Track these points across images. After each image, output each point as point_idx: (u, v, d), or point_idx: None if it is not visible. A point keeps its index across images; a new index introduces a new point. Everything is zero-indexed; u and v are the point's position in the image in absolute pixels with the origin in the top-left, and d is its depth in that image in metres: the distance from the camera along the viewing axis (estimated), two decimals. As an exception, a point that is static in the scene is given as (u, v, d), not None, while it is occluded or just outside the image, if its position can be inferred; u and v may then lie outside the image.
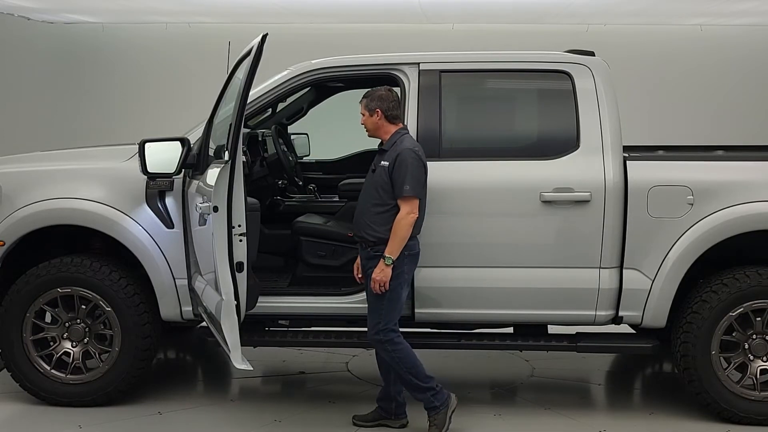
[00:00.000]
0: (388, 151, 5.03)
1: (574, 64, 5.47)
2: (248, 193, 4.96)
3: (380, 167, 5.02)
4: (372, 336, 5.07)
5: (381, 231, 4.96)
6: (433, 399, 5.11)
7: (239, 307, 4.80)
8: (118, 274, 5.53)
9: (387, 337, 5.04)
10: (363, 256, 5.12)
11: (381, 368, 5.29)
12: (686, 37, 13.62)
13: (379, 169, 5.03)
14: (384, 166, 4.99)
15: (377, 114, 5.06)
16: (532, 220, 5.31)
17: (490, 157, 5.41)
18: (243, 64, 5.00)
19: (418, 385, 5.09)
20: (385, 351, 5.07)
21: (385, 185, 4.97)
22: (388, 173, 4.96)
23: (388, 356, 5.07)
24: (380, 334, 5.03)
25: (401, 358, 5.05)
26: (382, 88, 5.13)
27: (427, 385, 5.09)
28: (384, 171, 4.98)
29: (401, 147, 4.98)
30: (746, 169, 5.47)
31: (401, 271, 4.99)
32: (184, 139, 5.40)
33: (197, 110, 6.68)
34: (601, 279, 5.31)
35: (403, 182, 4.90)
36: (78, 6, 13.00)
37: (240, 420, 5.50)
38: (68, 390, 5.60)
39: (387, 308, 5.00)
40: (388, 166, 4.96)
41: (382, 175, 4.99)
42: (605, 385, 6.50)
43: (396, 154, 4.95)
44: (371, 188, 5.05)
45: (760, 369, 5.39)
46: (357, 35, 13.24)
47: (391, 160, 4.97)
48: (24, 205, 5.56)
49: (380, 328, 5.02)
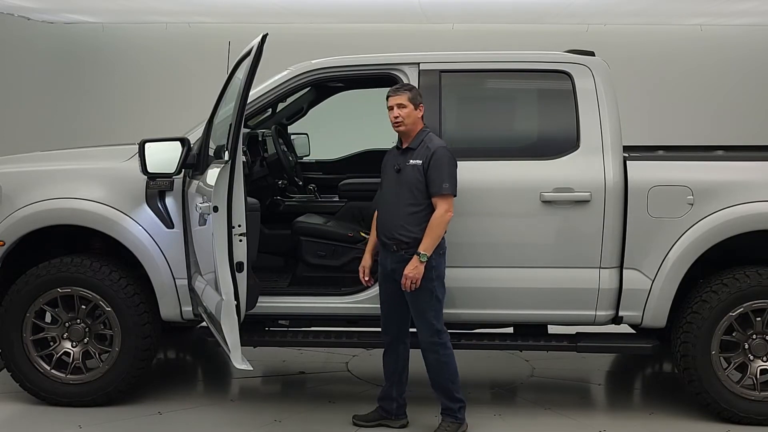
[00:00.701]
0: (416, 150, 4.98)
1: (574, 64, 5.47)
2: (248, 193, 4.96)
3: (410, 166, 4.96)
4: (428, 339, 5.03)
5: (416, 231, 4.92)
6: (458, 411, 5.15)
7: (239, 307, 4.79)
8: (118, 274, 5.53)
9: (442, 340, 5.04)
10: (392, 259, 5.02)
11: (387, 368, 5.26)
12: (686, 37, 13.62)
13: (408, 169, 4.97)
14: (416, 164, 4.94)
15: (420, 109, 5.03)
16: (532, 220, 5.31)
17: (490, 157, 5.41)
18: (243, 64, 5.00)
19: (452, 394, 5.12)
20: (436, 355, 5.05)
21: (419, 184, 4.93)
22: (423, 172, 4.93)
23: (436, 360, 5.06)
24: (436, 336, 5.02)
25: (447, 363, 5.07)
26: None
27: (460, 396, 5.14)
28: (417, 170, 4.93)
29: (434, 145, 4.95)
30: (746, 169, 5.47)
31: (440, 271, 4.98)
32: (184, 139, 5.40)
33: (197, 110, 6.67)
34: (601, 279, 5.31)
35: (442, 180, 4.88)
36: (78, 6, 12.99)
37: (240, 420, 5.50)
38: (68, 390, 5.60)
39: (437, 309, 5.00)
40: (422, 164, 4.92)
41: (414, 174, 4.94)
42: (605, 385, 6.50)
43: (431, 152, 4.92)
44: (402, 189, 4.96)
45: (760, 369, 5.39)
46: (357, 35, 13.24)
47: (424, 158, 4.92)
48: (24, 205, 5.56)
49: (436, 330, 5.01)
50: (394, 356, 5.24)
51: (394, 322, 5.19)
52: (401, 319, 5.17)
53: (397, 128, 5.05)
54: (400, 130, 5.04)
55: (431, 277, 4.95)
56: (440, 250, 4.98)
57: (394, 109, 5.01)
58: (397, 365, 5.25)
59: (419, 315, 5.05)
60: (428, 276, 4.94)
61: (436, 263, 4.96)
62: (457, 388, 5.13)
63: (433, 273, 4.95)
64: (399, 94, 5.02)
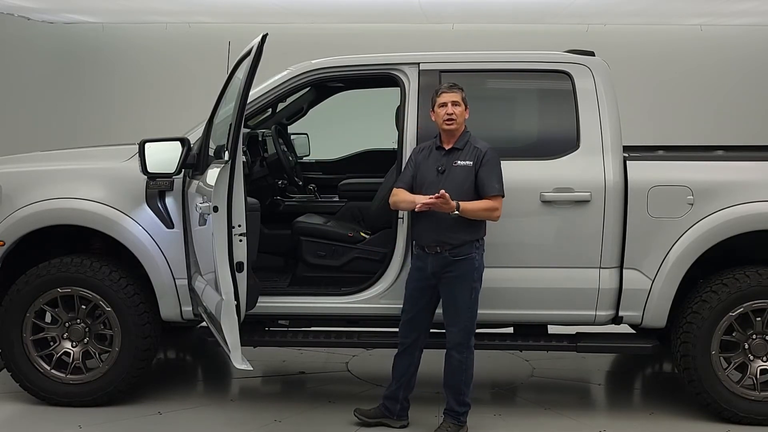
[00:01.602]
0: (463, 150, 4.98)
1: (574, 64, 5.47)
2: (248, 193, 4.96)
3: (459, 167, 4.95)
4: (458, 340, 5.03)
5: (463, 233, 4.94)
6: (462, 415, 5.16)
7: (239, 307, 4.79)
8: (118, 274, 5.53)
9: (471, 343, 5.07)
10: (435, 262, 4.99)
11: (398, 370, 5.23)
12: (686, 37, 13.62)
13: (456, 170, 4.95)
14: (466, 165, 4.93)
15: (467, 111, 5.05)
16: (532, 220, 5.31)
17: (490, 157, 5.41)
18: (243, 64, 4.99)
19: (462, 398, 5.13)
20: (461, 356, 5.05)
21: (469, 185, 4.93)
22: (474, 172, 4.92)
23: (459, 362, 5.05)
24: (467, 338, 5.03)
25: (468, 367, 5.09)
26: None
27: (468, 401, 5.16)
28: (467, 170, 4.93)
29: (483, 146, 4.96)
30: (746, 169, 5.47)
31: (482, 272, 5.01)
32: (184, 139, 5.40)
33: (197, 110, 6.67)
34: (601, 279, 5.31)
35: (495, 181, 4.90)
36: (78, 6, 13.00)
37: (240, 420, 5.50)
38: (68, 390, 5.59)
39: (473, 310, 5.02)
40: (473, 165, 4.92)
41: (464, 175, 4.93)
42: (605, 385, 6.50)
43: (482, 153, 4.93)
44: (450, 190, 4.84)
45: (760, 369, 5.39)
46: (357, 35, 13.24)
47: (474, 159, 4.93)
48: (24, 205, 5.56)
49: (468, 331, 5.03)
50: (409, 360, 5.21)
51: (417, 327, 5.16)
52: (425, 325, 5.17)
53: (447, 126, 4.98)
54: (451, 128, 4.99)
55: (474, 277, 4.97)
56: (483, 251, 5.01)
57: (449, 106, 4.97)
58: (409, 369, 5.23)
59: (455, 313, 5.02)
60: (470, 276, 4.97)
61: (479, 264, 4.98)
62: (468, 392, 5.14)
63: (475, 274, 4.97)
64: (455, 92, 4.99)
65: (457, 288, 4.99)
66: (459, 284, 4.99)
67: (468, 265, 4.97)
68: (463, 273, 4.97)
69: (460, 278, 4.98)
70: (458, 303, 5.01)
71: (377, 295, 5.41)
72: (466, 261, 4.96)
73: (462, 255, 4.95)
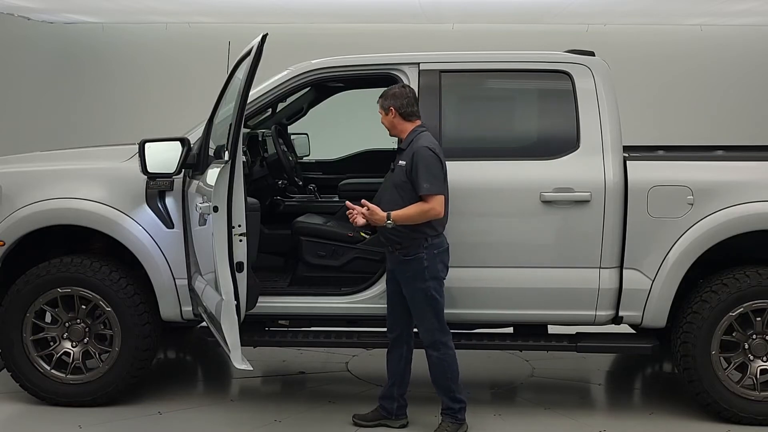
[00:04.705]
0: (406, 150, 5.01)
1: (574, 64, 5.47)
2: (248, 193, 4.96)
3: (398, 167, 5.02)
4: (429, 338, 5.06)
5: (404, 230, 4.94)
6: (458, 412, 5.16)
7: (239, 307, 4.80)
8: (118, 274, 5.53)
9: (443, 339, 5.07)
10: (391, 260, 5.10)
11: (390, 368, 5.27)
12: (686, 37, 13.62)
13: (397, 169, 5.02)
14: (402, 165, 4.98)
15: (392, 112, 5.05)
16: (532, 220, 5.31)
17: (490, 157, 5.41)
18: (243, 64, 5.00)
19: (453, 395, 5.13)
20: (437, 353, 5.07)
21: (403, 185, 4.96)
22: (406, 173, 4.94)
23: (438, 359, 5.08)
24: (437, 334, 5.05)
25: (449, 363, 5.09)
26: (396, 86, 5.13)
27: (461, 397, 5.15)
28: (402, 170, 4.97)
29: (417, 145, 4.96)
30: (746, 169, 5.47)
31: (435, 271, 4.99)
32: (184, 139, 5.40)
33: (197, 110, 6.67)
34: (601, 279, 5.31)
35: (423, 180, 4.89)
36: (78, 6, 12.99)
37: (240, 420, 5.50)
38: (68, 390, 5.60)
39: (435, 308, 5.02)
40: (406, 165, 4.95)
41: (400, 174, 4.99)
42: (605, 385, 6.50)
43: (412, 153, 4.94)
44: (391, 188, 5.04)
45: (760, 369, 5.39)
46: (357, 35, 13.24)
47: (408, 159, 4.95)
48: (24, 205, 5.56)
49: (436, 328, 5.04)
50: (398, 355, 5.24)
51: (397, 322, 5.21)
52: (404, 319, 5.18)
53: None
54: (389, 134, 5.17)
55: (424, 278, 4.98)
56: (434, 250, 4.99)
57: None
58: (400, 364, 5.25)
59: (417, 315, 5.08)
60: (421, 276, 4.98)
61: (429, 263, 4.98)
62: (458, 389, 5.14)
63: (426, 273, 4.98)
64: (378, 103, 5.12)
65: (410, 289, 5.03)
66: (412, 285, 5.02)
67: (417, 264, 4.97)
68: (414, 274, 4.99)
69: (411, 279, 5.01)
70: (415, 303, 5.05)
71: (377, 295, 5.41)
72: (415, 261, 4.97)
73: (411, 255, 4.97)
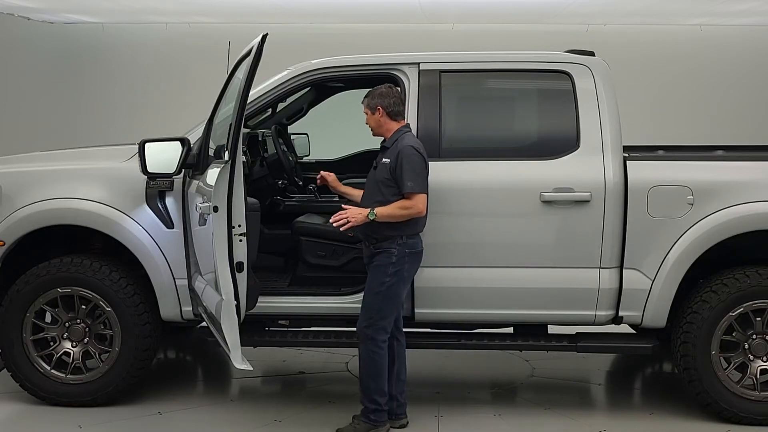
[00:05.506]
0: (390, 149, 5.04)
1: (574, 64, 5.47)
2: (248, 193, 4.96)
3: (382, 164, 5.05)
4: (362, 326, 5.06)
5: (383, 227, 4.97)
6: (372, 413, 5.10)
7: (239, 307, 4.80)
8: (118, 274, 5.53)
9: (375, 335, 5.03)
10: (366, 254, 5.13)
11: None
12: (686, 37, 13.62)
13: (380, 166, 5.05)
14: (386, 163, 5.01)
15: (379, 111, 5.07)
16: (532, 220, 5.31)
17: (490, 157, 5.41)
18: (243, 64, 5.00)
19: (370, 394, 5.08)
20: (366, 346, 5.05)
21: (387, 182, 4.99)
22: (390, 171, 4.97)
23: (365, 353, 5.05)
24: (370, 329, 5.02)
25: (375, 361, 5.04)
26: (383, 86, 5.14)
27: (377, 399, 5.08)
28: (386, 168, 5.00)
29: (402, 144, 4.99)
30: (746, 169, 5.47)
31: (401, 269, 4.99)
32: (184, 139, 5.40)
33: (197, 110, 6.68)
34: (601, 279, 5.31)
35: (407, 179, 4.91)
36: (78, 6, 12.99)
37: (240, 420, 5.50)
38: (68, 390, 5.60)
39: (383, 304, 5.00)
40: (390, 163, 4.98)
41: (383, 172, 5.01)
42: (605, 385, 6.50)
43: (397, 152, 4.97)
44: (373, 185, 5.07)
45: (760, 369, 5.39)
46: (357, 35, 13.24)
47: (393, 157, 4.98)
48: (24, 205, 5.56)
49: (371, 323, 5.02)
50: (389, 352, 5.22)
51: None
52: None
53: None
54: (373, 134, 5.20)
55: (389, 271, 4.98)
56: (406, 249, 4.99)
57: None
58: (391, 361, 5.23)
59: (365, 302, 5.08)
60: (384, 270, 4.99)
61: (397, 260, 4.98)
62: (378, 390, 5.06)
63: (390, 268, 4.98)
64: (363, 103, 5.15)
65: (371, 275, 5.05)
66: (373, 272, 5.04)
67: (385, 258, 4.99)
68: (379, 264, 5.01)
69: (375, 268, 5.03)
70: (368, 290, 5.06)
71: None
72: (384, 254, 4.99)
73: (382, 248, 5.00)
